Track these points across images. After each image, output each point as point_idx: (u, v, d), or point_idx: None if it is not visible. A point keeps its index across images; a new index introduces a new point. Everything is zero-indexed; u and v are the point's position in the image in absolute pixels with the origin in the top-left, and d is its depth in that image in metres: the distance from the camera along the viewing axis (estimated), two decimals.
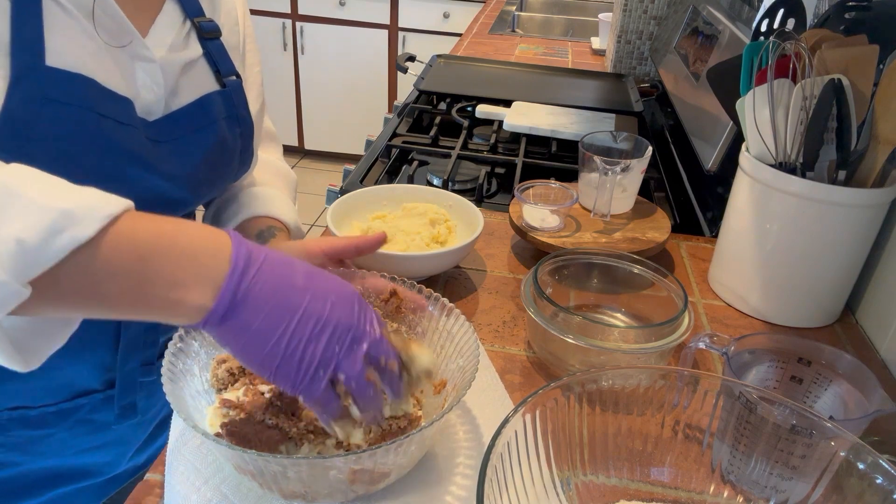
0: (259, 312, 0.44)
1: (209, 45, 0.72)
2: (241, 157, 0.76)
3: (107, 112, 0.59)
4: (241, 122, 0.75)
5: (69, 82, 0.57)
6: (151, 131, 0.65)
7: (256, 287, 0.44)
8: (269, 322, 0.44)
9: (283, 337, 0.44)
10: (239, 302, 0.44)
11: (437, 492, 0.56)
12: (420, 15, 3.30)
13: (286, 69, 3.53)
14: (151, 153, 0.64)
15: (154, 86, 0.65)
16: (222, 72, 0.73)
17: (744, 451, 0.54)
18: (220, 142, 0.72)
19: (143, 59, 0.64)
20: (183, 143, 0.68)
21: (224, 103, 0.72)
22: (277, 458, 0.49)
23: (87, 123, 0.58)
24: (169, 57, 0.66)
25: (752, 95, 0.78)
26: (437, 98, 1.54)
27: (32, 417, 0.71)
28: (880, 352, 0.80)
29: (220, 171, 0.74)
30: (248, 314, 0.44)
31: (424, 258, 0.81)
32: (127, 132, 0.61)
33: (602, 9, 2.66)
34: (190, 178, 0.68)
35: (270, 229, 0.77)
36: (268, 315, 0.44)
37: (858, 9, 0.81)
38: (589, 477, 0.55)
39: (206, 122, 0.70)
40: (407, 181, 1.16)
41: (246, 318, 0.44)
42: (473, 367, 0.56)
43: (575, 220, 0.96)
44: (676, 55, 1.48)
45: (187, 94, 0.69)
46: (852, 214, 0.76)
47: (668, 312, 0.72)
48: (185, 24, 0.70)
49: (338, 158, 3.75)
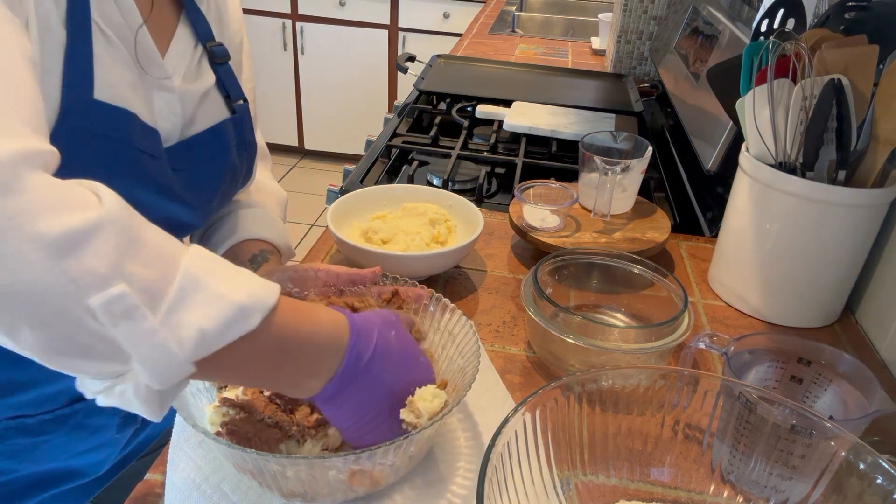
0: (353, 400, 0.52)
1: (220, 71, 0.72)
2: (244, 179, 0.77)
3: (143, 147, 0.59)
4: (247, 147, 0.75)
5: (115, 117, 0.57)
6: (168, 159, 0.65)
7: (355, 384, 0.51)
8: (368, 398, 0.52)
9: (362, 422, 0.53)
10: (340, 390, 0.51)
11: (437, 491, 0.56)
12: (420, 15, 3.30)
13: (286, 69, 3.53)
14: (174, 183, 0.64)
15: (171, 115, 0.65)
16: (232, 97, 0.73)
17: (744, 451, 0.54)
18: (231, 169, 0.72)
19: (163, 89, 0.64)
20: (198, 172, 0.68)
21: (235, 130, 0.72)
22: (277, 457, 0.49)
23: (126, 157, 0.58)
24: (185, 87, 0.66)
25: (752, 95, 0.78)
26: (437, 98, 1.54)
27: (31, 425, 0.71)
28: (880, 352, 0.80)
29: (228, 196, 0.75)
30: (348, 400, 0.52)
31: (424, 258, 0.81)
32: (157, 165, 0.62)
33: (602, 9, 2.66)
34: (204, 205, 0.69)
35: (263, 253, 0.77)
36: (360, 405, 0.52)
37: (858, 9, 0.81)
38: (589, 477, 0.55)
39: (220, 151, 0.70)
40: (407, 181, 1.16)
41: (352, 393, 0.52)
42: (474, 368, 0.56)
43: (575, 220, 0.96)
44: (676, 55, 1.48)
45: (202, 122, 0.69)
46: (852, 214, 0.76)
47: (668, 312, 0.72)
48: (196, 49, 0.69)
49: (338, 158, 3.75)
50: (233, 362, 0.45)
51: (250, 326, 0.43)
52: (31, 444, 0.72)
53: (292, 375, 0.49)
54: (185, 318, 0.41)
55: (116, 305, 0.38)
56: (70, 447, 0.75)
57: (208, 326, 0.41)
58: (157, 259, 0.41)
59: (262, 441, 0.53)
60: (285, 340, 0.47)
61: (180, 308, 0.41)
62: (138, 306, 0.39)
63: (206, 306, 0.41)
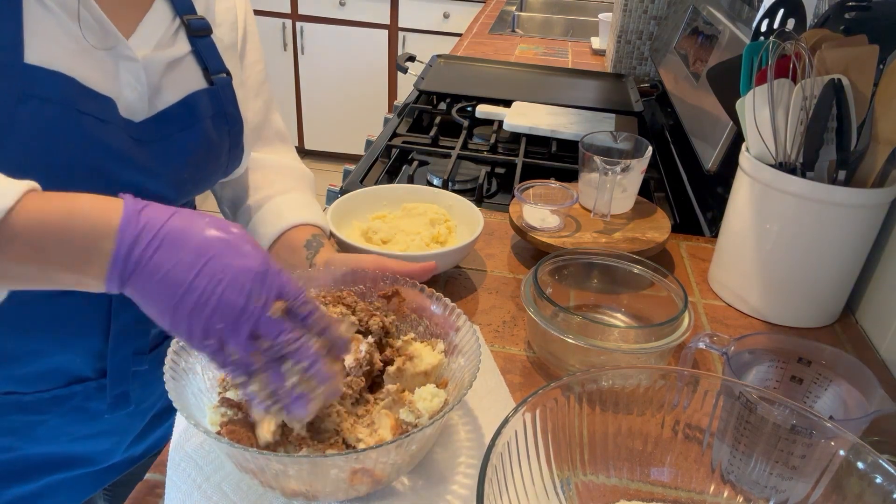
0: (150, 281, 0.46)
1: (198, 43, 0.72)
2: (229, 154, 0.76)
3: (87, 109, 0.59)
4: (229, 120, 0.75)
5: (48, 79, 0.57)
6: (137, 132, 0.65)
7: (143, 263, 0.46)
8: (159, 292, 0.46)
9: (176, 308, 0.46)
10: (129, 275, 0.46)
11: (438, 491, 0.56)
12: (420, 15, 3.30)
13: (286, 69, 3.53)
14: (133, 150, 0.64)
15: (137, 84, 0.65)
16: (211, 69, 0.73)
17: (744, 451, 0.54)
18: (205, 141, 0.71)
19: (126, 59, 0.64)
20: (168, 143, 0.68)
21: (211, 101, 0.72)
22: (279, 456, 0.49)
23: (66, 119, 0.58)
24: (153, 55, 0.67)
25: (752, 95, 0.78)
26: (437, 98, 1.54)
27: (27, 403, 0.71)
28: (880, 352, 0.80)
29: (205, 170, 0.74)
30: (143, 284, 0.47)
31: (424, 258, 0.81)
32: (108, 129, 0.61)
33: (602, 9, 2.66)
34: (173, 175, 0.69)
35: (316, 238, 0.77)
36: (158, 285, 0.46)
37: (858, 9, 0.81)
38: (589, 477, 0.55)
39: (192, 122, 0.70)
40: (407, 181, 1.16)
41: (142, 286, 0.47)
42: (475, 367, 0.56)
43: (575, 220, 0.96)
44: (676, 55, 1.48)
45: (172, 92, 0.69)
46: (852, 214, 0.76)
47: (668, 312, 0.72)
48: (174, 22, 0.70)
49: (338, 158, 3.75)
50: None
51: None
52: (29, 421, 0.72)
53: (63, 276, 0.47)
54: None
55: None
56: (70, 429, 0.75)
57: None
58: None
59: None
60: (36, 239, 0.45)
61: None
62: None
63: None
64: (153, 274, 0.46)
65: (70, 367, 0.72)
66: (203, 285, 0.46)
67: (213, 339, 0.47)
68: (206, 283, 0.46)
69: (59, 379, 0.72)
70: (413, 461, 0.56)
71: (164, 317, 0.46)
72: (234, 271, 0.46)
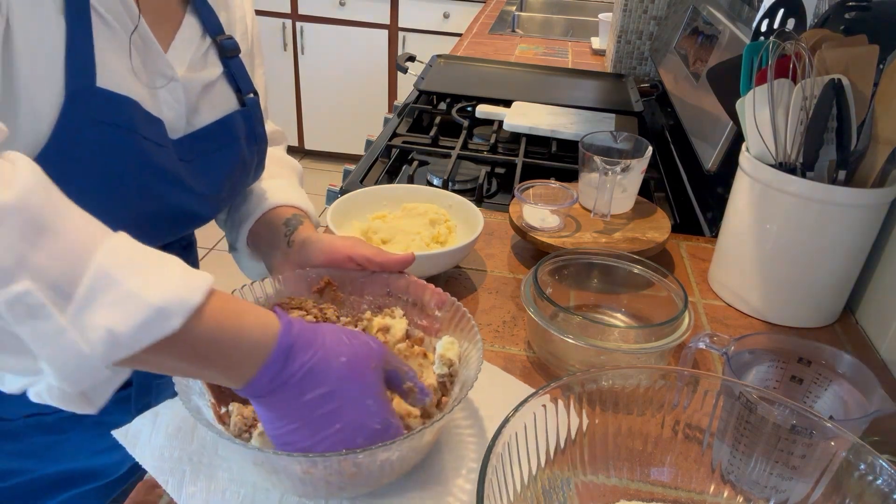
0: (293, 401, 0.49)
1: (230, 64, 0.72)
2: (255, 171, 0.77)
3: (147, 134, 0.59)
4: (258, 139, 0.75)
5: (118, 104, 0.57)
6: (177, 150, 0.65)
7: (288, 385, 0.48)
8: (292, 414, 0.49)
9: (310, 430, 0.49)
10: (275, 389, 0.48)
11: (442, 490, 0.56)
12: (420, 15, 3.30)
13: (286, 69, 3.53)
14: (182, 172, 0.64)
15: (175, 104, 0.65)
16: (242, 90, 0.73)
17: (744, 451, 0.54)
18: (241, 161, 0.72)
19: (166, 78, 0.64)
20: (207, 163, 0.68)
21: (244, 122, 0.73)
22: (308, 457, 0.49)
23: (131, 145, 0.58)
24: (189, 76, 0.66)
25: (752, 95, 0.78)
26: (437, 98, 1.54)
27: (50, 423, 0.71)
28: (880, 352, 0.80)
29: (238, 187, 0.75)
30: (284, 400, 0.49)
31: (424, 258, 0.81)
32: (163, 153, 0.62)
33: (602, 9, 2.65)
34: (213, 194, 0.69)
35: (296, 217, 0.77)
36: (292, 408, 0.49)
37: (858, 9, 0.81)
38: (589, 477, 0.55)
39: (229, 141, 0.70)
40: (407, 181, 1.16)
41: (275, 404, 0.49)
42: (478, 360, 0.57)
43: (575, 220, 0.96)
44: (676, 55, 1.48)
45: (208, 113, 0.69)
46: (852, 214, 0.76)
47: (668, 312, 0.72)
48: (204, 40, 0.69)
49: (338, 158, 3.75)
50: (152, 361, 0.42)
51: (170, 329, 0.40)
52: (50, 442, 0.72)
53: (217, 377, 0.47)
54: (94, 320, 0.38)
55: (20, 302, 0.35)
56: (89, 445, 0.75)
57: (119, 329, 0.38)
58: (68, 251, 0.38)
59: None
60: (207, 344, 0.44)
61: (89, 307, 0.38)
62: (44, 305, 0.36)
63: (117, 307, 0.38)
64: (286, 401, 0.48)
65: None
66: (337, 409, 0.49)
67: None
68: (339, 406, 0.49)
69: None
70: (427, 448, 0.58)
71: (282, 428, 0.49)
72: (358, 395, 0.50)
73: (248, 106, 0.73)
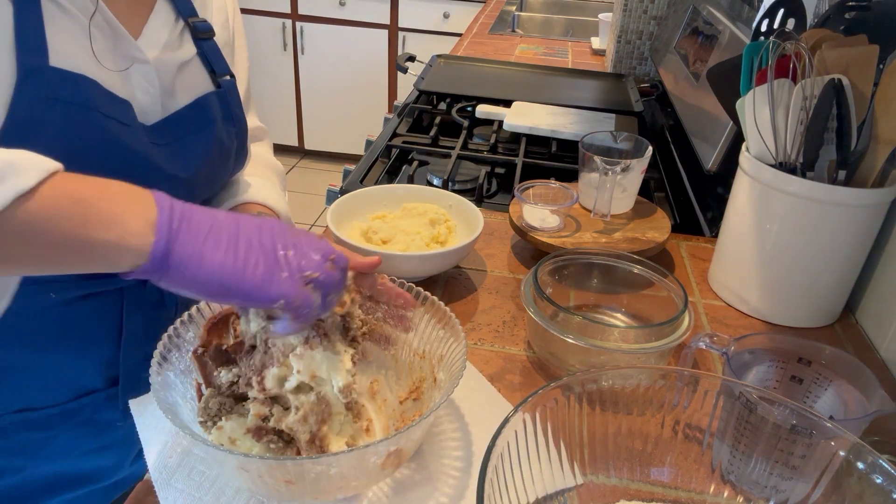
0: (200, 234, 0.47)
1: (203, 46, 0.72)
2: (236, 156, 0.77)
3: (109, 112, 0.60)
4: (235, 122, 0.75)
5: (73, 83, 0.57)
6: (151, 135, 0.65)
7: (188, 217, 0.47)
8: (214, 241, 0.47)
9: (234, 249, 0.47)
10: (176, 231, 0.46)
11: (429, 489, 0.57)
12: (420, 15, 3.30)
13: (286, 69, 3.53)
14: (155, 154, 0.64)
15: (149, 87, 0.66)
16: (217, 72, 0.73)
17: (744, 451, 0.54)
18: (217, 143, 0.72)
19: (137, 61, 0.64)
20: (183, 146, 0.68)
21: (220, 104, 0.73)
22: (319, 458, 0.49)
23: (92, 123, 0.58)
24: (163, 57, 0.67)
25: (752, 95, 0.78)
26: (437, 98, 1.54)
27: (36, 420, 0.71)
28: (880, 352, 0.80)
29: (217, 172, 0.75)
30: (192, 238, 0.47)
31: (424, 258, 0.81)
32: (130, 133, 0.62)
33: (602, 9, 2.65)
34: (191, 180, 0.69)
35: (261, 216, 0.76)
36: (209, 235, 0.47)
37: (858, 9, 0.81)
38: (589, 477, 0.55)
39: (204, 124, 0.70)
40: (407, 181, 1.16)
41: (191, 242, 0.47)
42: (462, 358, 0.56)
43: (575, 220, 0.96)
44: (676, 55, 1.48)
45: (183, 95, 0.69)
46: (852, 214, 0.76)
47: (668, 312, 0.72)
48: (178, 23, 0.70)
49: (338, 158, 3.75)
50: (21, 231, 0.43)
51: (25, 184, 0.42)
52: (38, 439, 0.72)
53: (103, 233, 0.45)
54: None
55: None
56: (79, 444, 0.75)
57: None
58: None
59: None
60: (76, 192, 0.44)
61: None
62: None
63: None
64: (201, 226, 0.47)
65: (80, 378, 0.71)
66: (252, 231, 0.49)
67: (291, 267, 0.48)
68: (255, 231, 0.49)
69: (67, 392, 0.72)
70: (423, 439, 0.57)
71: (230, 262, 0.47)
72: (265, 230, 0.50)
73: (224, 88, 0.74)
